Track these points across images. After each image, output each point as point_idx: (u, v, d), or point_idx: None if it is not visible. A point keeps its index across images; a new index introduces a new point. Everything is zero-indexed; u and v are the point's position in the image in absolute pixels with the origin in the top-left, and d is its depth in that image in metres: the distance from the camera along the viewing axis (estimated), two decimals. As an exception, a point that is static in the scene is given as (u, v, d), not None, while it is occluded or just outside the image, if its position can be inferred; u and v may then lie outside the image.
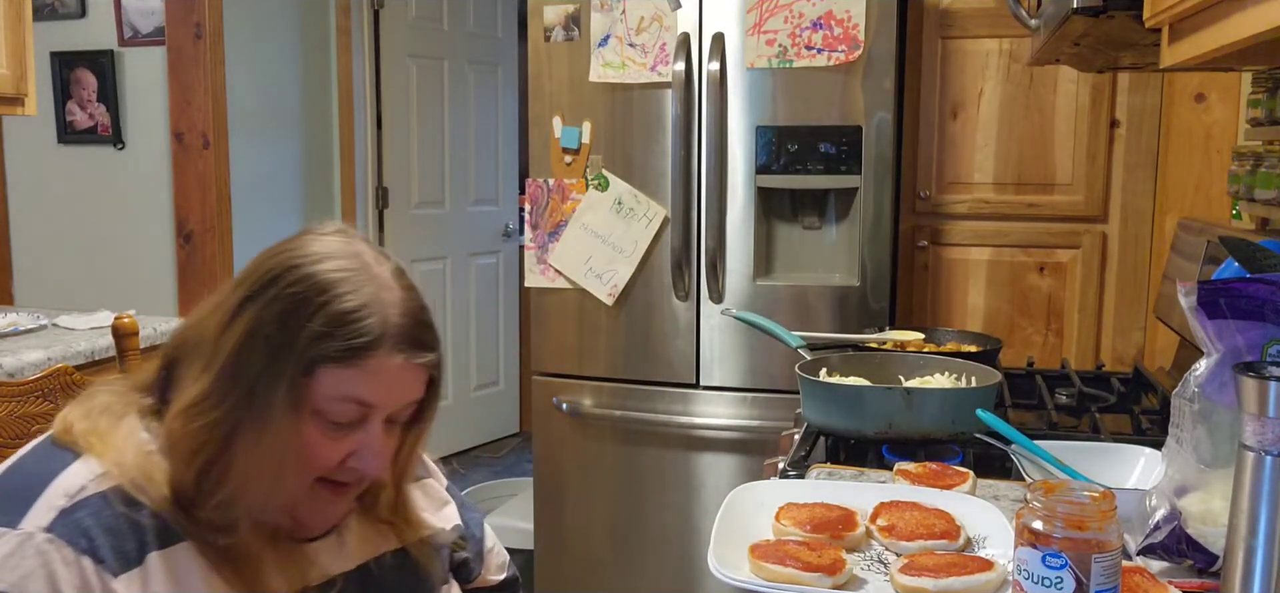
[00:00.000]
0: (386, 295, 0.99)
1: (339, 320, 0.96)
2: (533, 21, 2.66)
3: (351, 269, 0.99)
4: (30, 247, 3.76)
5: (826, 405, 1.53)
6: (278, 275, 0.98)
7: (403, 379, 1.00)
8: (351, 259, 1.00)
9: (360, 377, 0.97)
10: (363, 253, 1.02)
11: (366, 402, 0.98)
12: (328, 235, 1.03)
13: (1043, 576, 0.84)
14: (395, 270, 1.03)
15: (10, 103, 2.29)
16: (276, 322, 0.96)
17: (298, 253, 0.99)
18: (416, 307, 1.02)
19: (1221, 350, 0.98)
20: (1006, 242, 2.61)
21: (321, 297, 0.96)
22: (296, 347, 0.95)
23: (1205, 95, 2.36)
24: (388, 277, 1.01)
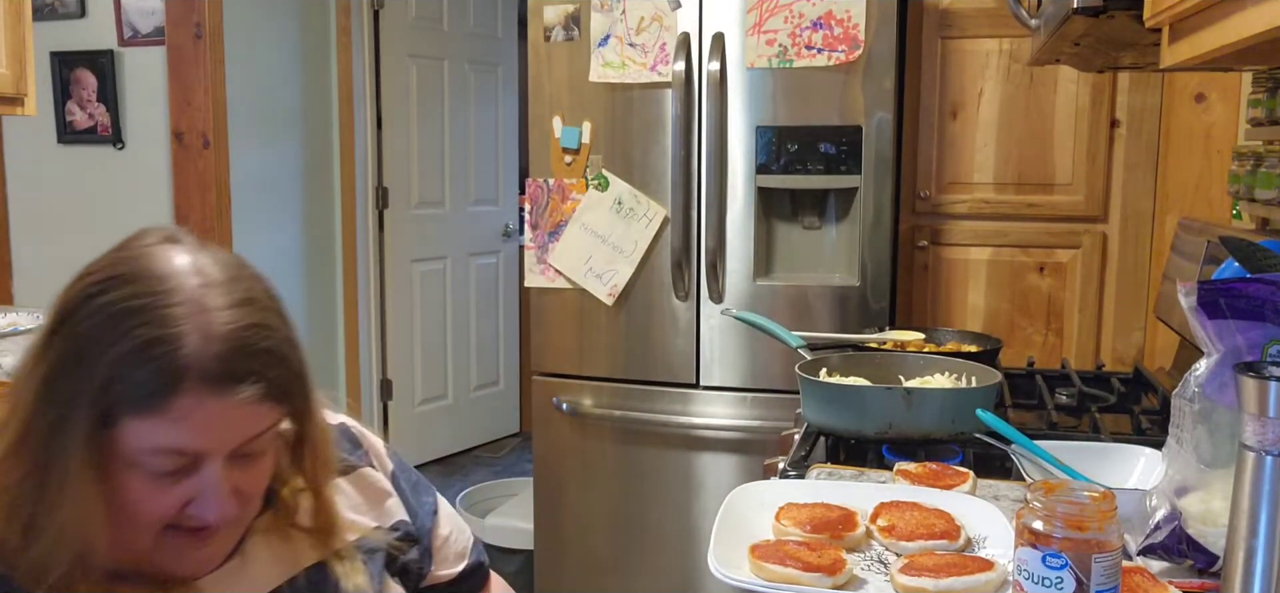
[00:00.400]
0: (195, 320, 0.84)
1: (129, 362, 0.82)
2: (533, 21, 2.66)
3: (154, 293, 0.85)
4: (30, 246, 3.76)
5: (826, 405, 1.53)
6: (71, 311, 0.86)
7: (225, 419, 0.86)
8: (157, 280, 0.86)
9: (166, 425, 0.83)
10: (176, 269, 0.87)
11: (183, 451, 0.85)
12: (147, 247, 0.89)
13: (1043, 576, 0.84)
14: (223, 282, 0.88)
15: (10, 103, 2.29)
16: (65, 369, 0.84)
17: (96, 279, 0.86)
18: (238, 328, 0.86)
19: (1221, 350, 0.97)
20: (1006, 242, 2.61)
21: (111, 335, 0.83)
22: (86, 397, 0.83)
23: (1205, 95, 2.36)
24: (204, 293, 0.86)
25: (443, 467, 4.60)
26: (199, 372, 0.83)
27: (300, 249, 3.94)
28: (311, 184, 3.97)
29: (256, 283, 0.92)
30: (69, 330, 0.85)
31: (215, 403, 0.84)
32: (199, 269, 0.88)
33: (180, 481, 0.86)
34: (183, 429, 0.84)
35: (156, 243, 0.90)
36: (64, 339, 0.85)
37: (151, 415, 0.83)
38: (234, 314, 0.86)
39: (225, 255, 0.92)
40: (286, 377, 0.89)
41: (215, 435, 0.86)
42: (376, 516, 1.11)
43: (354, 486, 1.10)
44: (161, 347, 0.83)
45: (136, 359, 0.83)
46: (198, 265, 0.88)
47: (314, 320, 4.02)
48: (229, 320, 0.86)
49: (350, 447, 1.13)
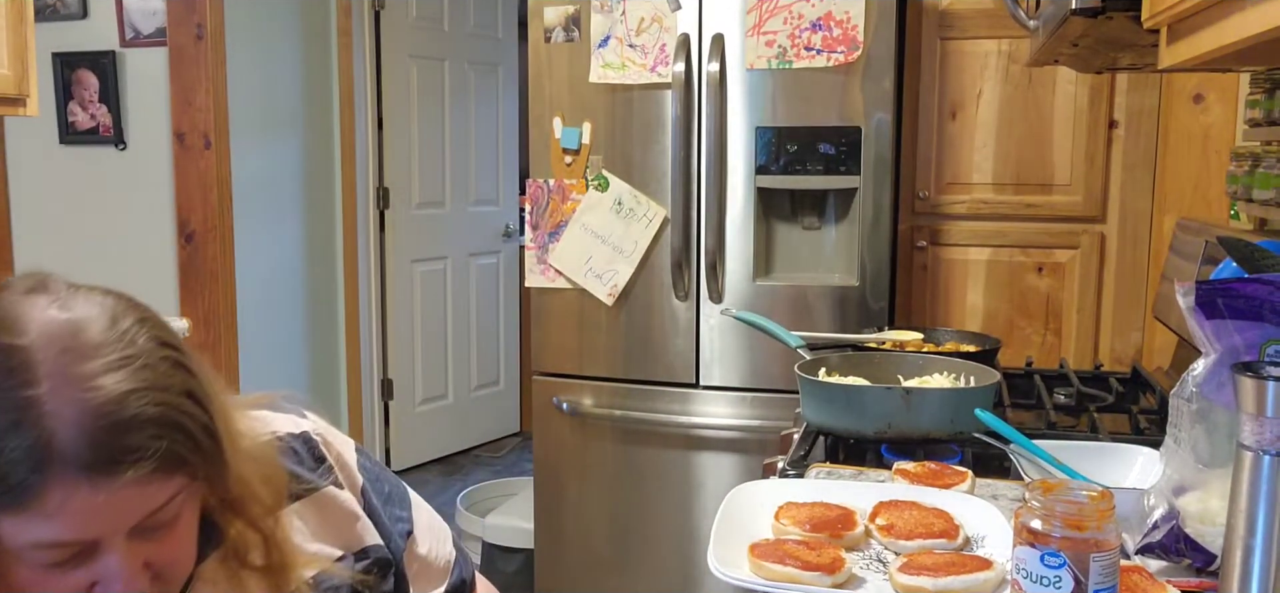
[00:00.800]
0: (61, 398, 0.73)
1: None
2: (533, 22, 2.66)
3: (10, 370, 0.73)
4: (32, 247, 3.76)
5: (826, 405, 1.53)
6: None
7: (110, 507, 0.75)
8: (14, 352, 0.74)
9: (40, 521, 0.73)
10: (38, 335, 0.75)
11: (67, 542, 0.75)
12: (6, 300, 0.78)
13: (1041, 575, 0.84)
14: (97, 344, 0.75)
15: (12, 103, 2.30)
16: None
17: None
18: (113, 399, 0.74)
19: (1219, 350, 0.98)
20: (1005, 242, 2.61)
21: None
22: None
23: (1203, 96, 2.36)
24: (70, 362, 0.74)
25: (443, 467, 4.60)
26: (69, 461, 0.72)
27: (301, 249, 3.94)
28: (312, 184, 3.98)
29: (141, 331, 0.79)
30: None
31: (93, 494, 0.74)
32: (68, 330, 0.75)
33: (79, 565, 0.77)
34: (60, 524, 0.74)
35: (20, 295, 0.78)
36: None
37: (20, 513, 0.73)
38: (110, 381, 0.74)
39: (103, 302, 0.80)
40: (182, 441, 0.77)
41: (102, 523, 0.76)
42: (342, 541, 1.00)
43: (314, 511, 0.98)
44: (23, 435, 0.72)
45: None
46: (65, 326, 0.76)
47: (315, 320, 4.02)
48: (102, 393, 0.74)
49: (311, 463, 1.01)
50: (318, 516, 0.99)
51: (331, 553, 0.98)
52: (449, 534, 1.18)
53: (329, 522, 0.99)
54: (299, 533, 0.96)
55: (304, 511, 0.97)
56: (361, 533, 1.02)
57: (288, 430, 1.01)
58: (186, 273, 3.55)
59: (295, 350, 3.94)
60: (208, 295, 3.52)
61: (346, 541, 1.00)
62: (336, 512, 1.00)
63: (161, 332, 0.82)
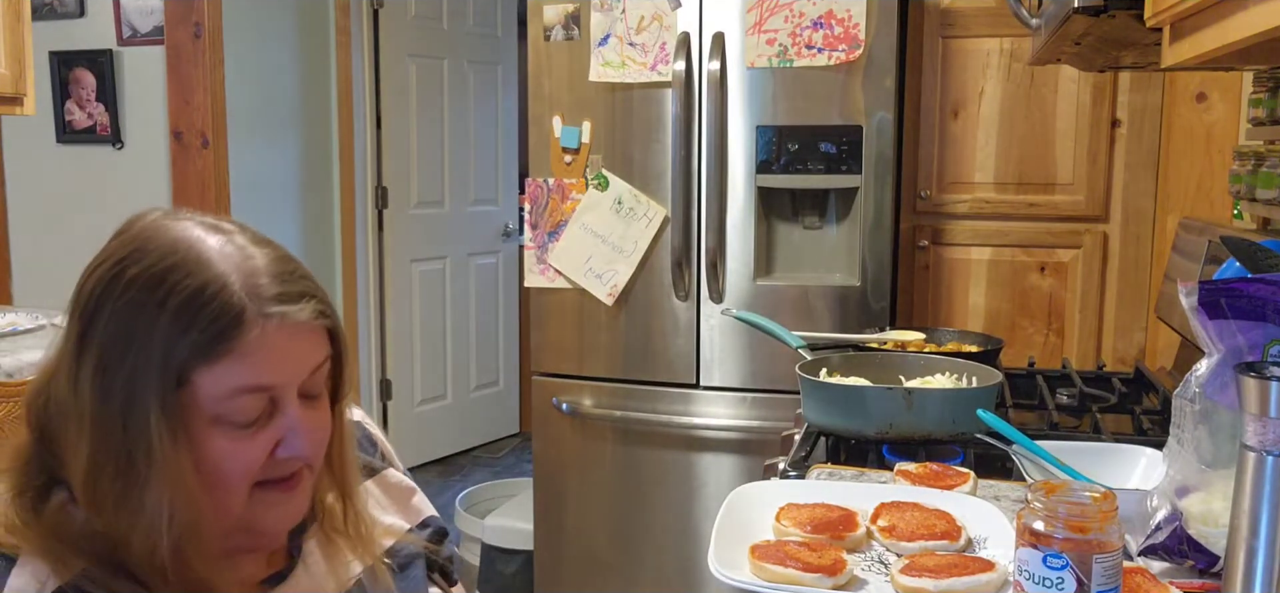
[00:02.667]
0: (232, 259, 0.86)
1: (187, 310, 0.82)
2: (532, 21, 2.66)
3: (182, 249, 0.85)
4: (29, 246, 3.76)
5: (827, 406, 1.53)
6: (100, 299, 0.84)
7: (293, 344, 0.87)
8: (178, 241, 0.86)
9: (240, 364, 0.84)
10: (189, 228, 0.87)
11: (262, 386, 0.85)
12: (146, 221, 0.88)
13: (1044, 576, 0.84)
14: (237, 229, 0.90)
15: (9, 102, 2.29)
16: (116, 351, 0.82)
17: (116, 257, 0.85)
18: (274, 257, 0.88)
19: (1222, 350, 0.97)
20: (1007, 241, 2.61)
21: (156, 297, 0.83)
22: (153, 363, 0.82)
23: (1206, 95, 2.36)
24: (231, 239, 0.88)
25: (443, 467, 4.59)
26: (258, 297, 0.84)
27: (300, 249, 3.94)
28: (311, 184, 3.97)
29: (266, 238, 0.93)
30: (106, 315, 0.83)
31: (280, 327, 0.85)
32: (213, 226, 0.88)
33: (263, 427, 0.86)
34: (256, 363, 0.84)
35: (159, 218, 0.89)
36: (104, 325, 0.83)
37: (222, 359, 0.83)
38: (266, 251, 0.88)
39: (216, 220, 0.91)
40: (329, 302, 0.91)
41: (287, 363, 0.87)
42: (406, 515, 1.10)
43: (380, 488, 1.09)
44: (212, 288, 0.83)
45: (191, 309, 0.82)
46: (210, 223, 0.89)
47: (314, 320, 4.02)
48: (266, 254, 0.88)
49: (369, 447, 1.11)
50: (385, 493, 1.09)
51: (402, 525, 1.08)
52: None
53: (394, 498, 1.10)
54: (376, 507, 1.06)
55: (373, 488, 1.07)
56: (419, 506, 1.13)
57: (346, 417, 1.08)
58: (185, 272, 3.54)
59: (294, 350, 3.94)
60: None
61: (408, 515, 1.11)
62: (398, 489, 1.11)
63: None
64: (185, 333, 0.82)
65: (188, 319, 0.82)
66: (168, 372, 0.82)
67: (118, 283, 0.84)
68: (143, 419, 0.82)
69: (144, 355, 0.82)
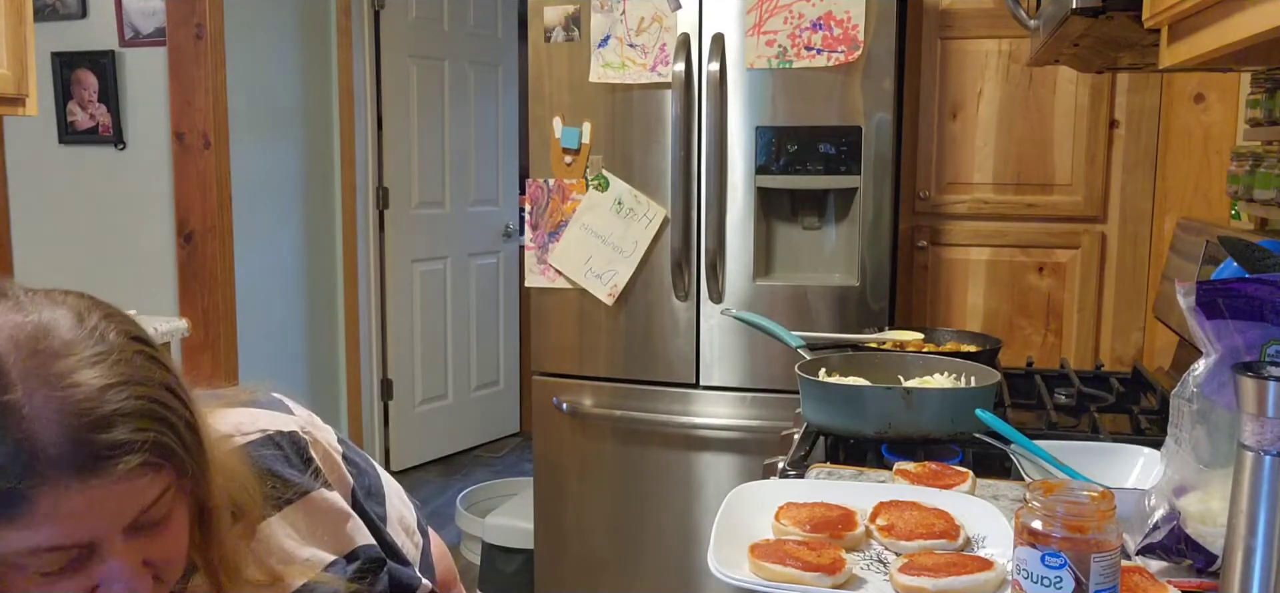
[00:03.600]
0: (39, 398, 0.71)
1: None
2: (533, 22, 2.66)
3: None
4: (31, 247, 3.76)
5: (826, 405, 1.53)
6: None
7: (104, 505, 0.73)
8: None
9: (35, 529, 0.71)
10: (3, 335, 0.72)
11: (64, 546, 0.73)
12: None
13: (1042, 575, 0.84)
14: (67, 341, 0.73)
15: (11, 103, 2.30)
16: None
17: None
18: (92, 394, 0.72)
19: (1220, 351, 0.98)
20: (1006, 242, 2.61)
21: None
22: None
23: (1204, 96, 2.36)
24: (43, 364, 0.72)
25: (443, 467, 4.60)
26: (55, 463, 0.70)
27: (301, 249, 3.94)
28: (312, 184, 3.97)
29: (109, 327, 0.77)
30: None
31: (83, 494, 0.71)
32: (36, 332, 0.73)
33: (77, 570, 0.74)
34: (53, 529, 0.71)
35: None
36: None
37: (11, 523, 0.71)
38: (86, 378, 0.72)
39: (66, 302, 0.77)
40: (167, 432, 0.75)
41: (95, 524, 0.73)
42: (333, 545, 0.97)
43: (303, 515, 0.95)
44: (4, 442, 0.69)
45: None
46: (32, 328, 0.73)
47: (314, 320, 4.02)
48: (80, 390, 0.72)
49: (300, 465, 0.97)
50: (308, 520, 0.95)
51: (323, 559, 0.95)
52: (414, 521, 1.15)
53: (320, 526, 0.96)
54: (289, 540, 0.93)
55: (293, 516, 0.94)
56: (352, 534, 0.99)
57: (275, 428, 0.97)
58: (186, 273, 3.55)
59: (295, 351, 3.94)
60: (207, 296, 3.52)
61: (337, 544, 0.98)
62: (327, 515, 0.97)
63: (131, 327, 0.79)
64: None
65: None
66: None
67: None
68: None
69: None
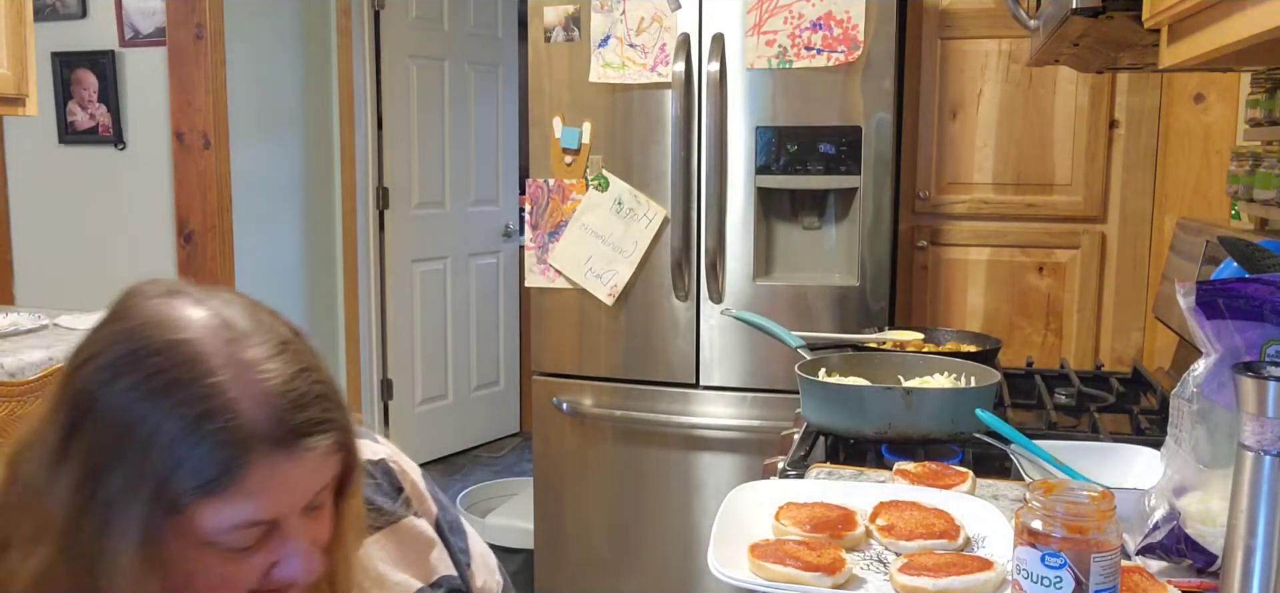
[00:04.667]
0: (241, 381, 0.76)
1: (183, 444, 0.73)
2: (533, 22, 2.66)
3: (185, 361, 0.75)
4: (31, 246, 3.76)
5: (826, 405, 1.53)
6: (90, 400, 0.75)
7: (301, 479, 0.79)
8: (182, 345, 0.75)
9: (241, 501, 0.76)
10: (197, 327, 0.77)
11: (264, 519, 0.78)
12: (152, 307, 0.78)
13: (1042, 575, 0.84)
14: (251, 330, 0.79)
15: (11, 103, 2.30)
16: (110, 459, 0.74)
17: (108, 359, 0.76)
18: (289, 375, 0.78)
19: (1220, 351, 0.98)
20: (1006, 242, 2.61)
21: (153, 417, 0.73)
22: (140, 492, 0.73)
23: (1204, 96, 2.36)
24: (239, 348, 0.77)
25: (443, 467, 4.60)
26: (267, 434, 0.76)
27: (301, 249, 3.94)
28: (312, 184, 3.97)
29: (279, 322, 0.82)
30: (95, 422, 0.75)
31: (290, 466, 0.77)
32: (221, 324, 0.78)
33: (260, 547, 0.79)
34: (260, 501, 0.77)
35: (160, 298, 0.79)
36: (91, 433, 0.75)
37: (222, 495, 0.75)
38: (276, 365, 0.78)
39: (235, 297, 0.82)
40: (344, 417, 0.82)
41: (293, 497, 0.79)
42: (419, 572, 1.01)
43: (394, 541, 0.99)
44: (217, 420, 0.74)
45: (191, 440, 0.74)
46: (217, 321, 0.78)
47: (314, 320, 4.02)
48: (276, 374, 0.77)
49: (391, 492, 1.02)
50: (397, 547, 1.00)
51: (411, 584, 1.00)
52: (495, 563, 1.20)
53: (408, 552, 1.01)
54: (382, 563, 0.97)
55: (385, 541, 0.98)
56: (436, 563, 1.04)
57: (367, 457, 0.99)
58: (185, 273, 3.55)
59: (295, 350, 3.93)
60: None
61: (424, 571, 1.02)
62: (415, 542, 1.02)
63: (289, 322, 0.85)
64: (184, 463, 0.74)
65: (188, 448, 0.74)
66: (160, 501, 0.74)
67: (114, 386, 0.75)
68: (118, 547, 0.74)
69: (134, 478, 0.74)
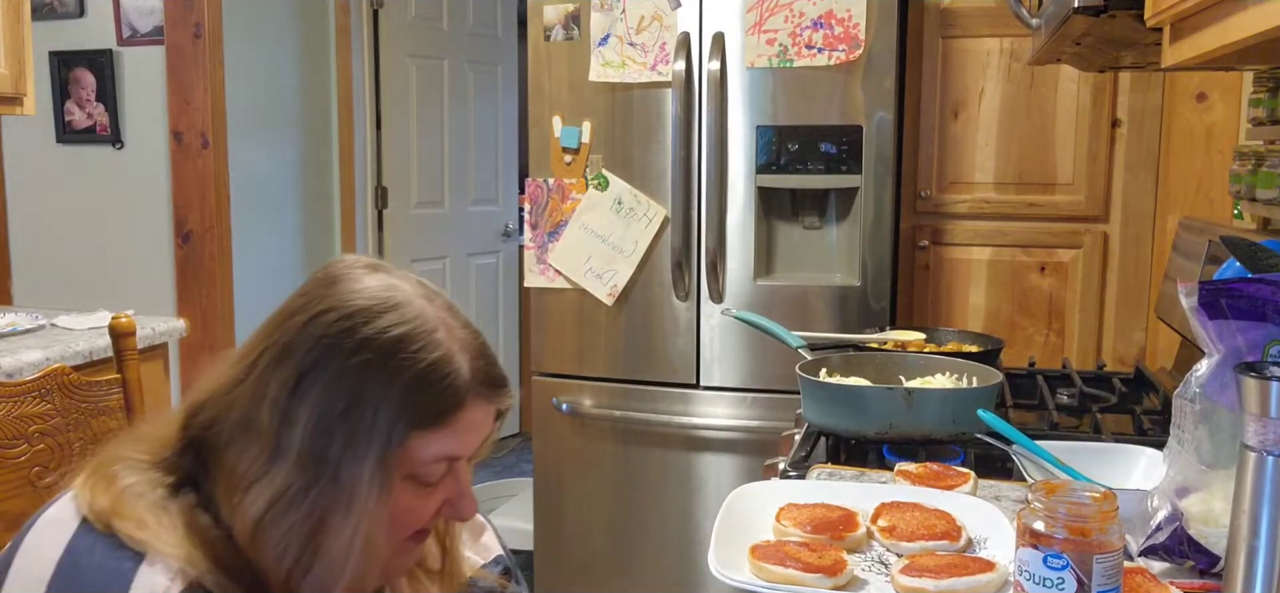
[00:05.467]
0: (456, 339, 0.92)
1: (421, 386, 0.89)
2: (533, 21, 2.66)
3: (412, 319, 0.90)
4: (29, 246, 3.76)
5: (827, 406, 1.53)
6: (333, 343, 0.88)
7: (485, 423, 0.95)
8: (406, 306, 0.91)
9: (451, 435, 0.91)
10: (412, 294, 0.93)
11: (456, 455, 0.93)
12: (365, 276, 0.93)
13: (1044, 576, 0.84)
14: (447, 305, 0.95)
15: (9, 102, 2.29)
16: (350, 398, 0.87)
17: (345, 310, 0.89)
18: (482, 341, 0.95)
19: (1223, 351, 0.97)
20: (1007, 241, 2.61)
21: (394, 362, 0.88)
22: (380, 423, 0.87)
23: (1207, 95, 2.36)
24: (443, 313, 0.93)
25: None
26: (477, 382, 0.92)
27: (299, 249, 3.93)
28: (310, 184, 3.97)
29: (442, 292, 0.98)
30: (334, 369, 0.87)
31: (487, 409, 0.93)
32: (426, 292, 0.94)
33: (439, 485, 0.93)
34: (461, 438, 0.92)
35: (366, 268, 0.94)
36: (331, 378, 0.87)
37: (438, 430, 0.90)
38: (471, 329, 0.95)
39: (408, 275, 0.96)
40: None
41: (478, 437, 0.94)
42: (477, 551, 1.13)
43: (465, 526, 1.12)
44: (444, 367, 0.89)
45: (423, 384, 0.88)
46: (422, 289, 0.94)
47: (314, 320, 4.01)
48: (472, 334, 0.94)
49: None
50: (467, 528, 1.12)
51: (475, 560, 1.12)
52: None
53: (468, 532, 1.13)
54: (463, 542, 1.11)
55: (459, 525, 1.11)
56: (489, 544, 1.15)
57: None
58: (184, 273, 3.54)
59: (294, 350, 3.93)
60: (205, 295, 3.51)
61: (480, 551, 1.14)
62: (472, 524, 1.13)
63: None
64: (414, 405, 0.88)
65: (418, 392, 0.88)
66: (391, 435, 0.87)
67: (348, 339, 0.88)
68: (356, 473, 0.87)
69: (370, 416, 0.87)
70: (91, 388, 1.46)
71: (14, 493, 1.36)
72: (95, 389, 1.46)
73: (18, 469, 1.36)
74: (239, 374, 0.91)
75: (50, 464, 1.40)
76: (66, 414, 1.42)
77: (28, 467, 1.37)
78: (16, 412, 1.37)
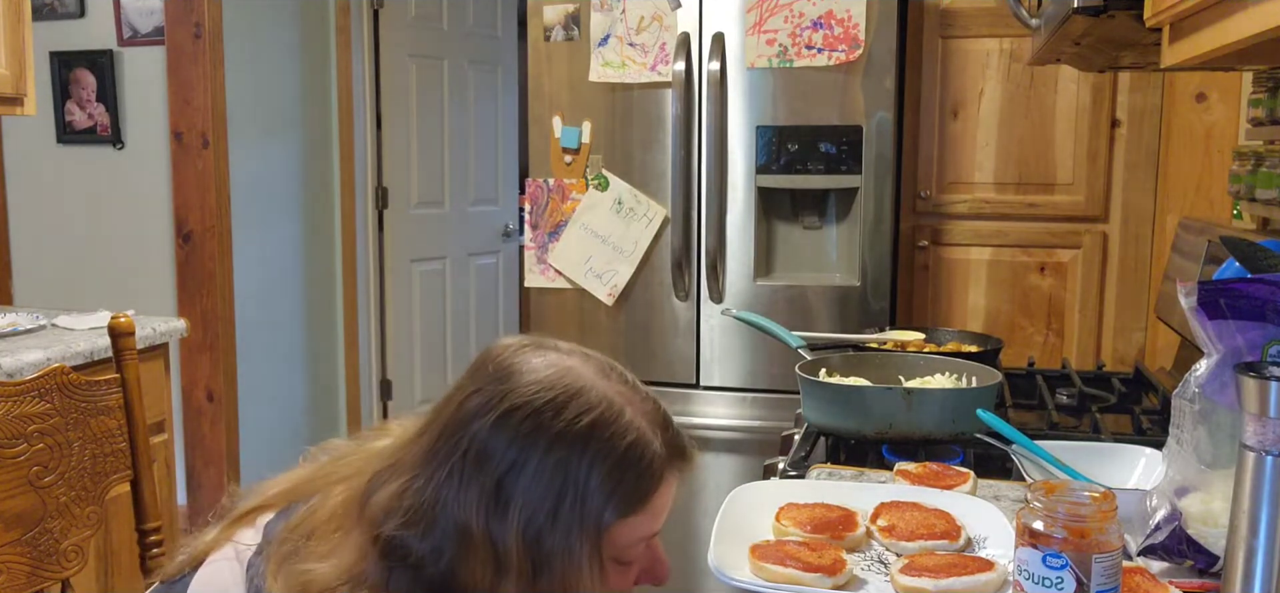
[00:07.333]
0: (637, 414, 0.91)
1: (620, 471, 0.88)
2: (533, 21, 2.66)
3: (599, 404, 0.89)
4: (29, 246, 3.76)
5: (827, 406, 1.53)
6: (528, 442, 0.87)
7: (674, 490, 0.95)
8: (589, 390, 0.90)
9: (649, 517, 0.91)
10: (587, 374, 0.91)
11: (655, 533, 0.94)
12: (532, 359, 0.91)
13: (1043, 576, 0.84)
14: (622, 377, 0.94)
15: (9, 103, 2.29)
16: (555, 497, 0.87)
17: (531, 407, 0.88)
18: (664, 411, 0.95)
19: (1222, 351, 0.97)
20: (1007, 241, 2.61)
21: (589, 452, 0.88)
22: (588, 514, 0.88)
23: (1206, 95, 2.36)
24: (619, 390, 0.92)
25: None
26: (666, 459, 0.92)
27: (300, 249, 3.94)
28: (311, 184, 3.97)
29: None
30: (532, 468, 0.87)
31: (677, 482, 0.94)
32: (597, 368, 0.93)
33: (638, 559, 0.94)
34: (658, 514, 0.92)
35: (532, 352, 0.92)
36: (531, 477, 0.87)
37: (637, 514, 0.90)
38: (650, 400, 0.94)
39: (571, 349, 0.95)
40: None
41: (669, 506, 0.94)
42: None
43: None
44: (640, 448, 0.89)
45: (622, 469, 0.88)
46: (589, 363, 0.93)
47: (313, 321, 4.02)
48: (654, 405, 0.94)
49: None
50: None
51: None
52: None
53: None
54: None
55: None
56: None
57: None
58: (184, 273, 3.54)
59: (294, 351, 3.94)
60: (206, 296, 3.51)
61: None
62: None
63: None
64: (616, 490, 0.88)
65: (618, 478, 0.88)
66: (599, 523, 0.88)
67: (542, 436, 0.87)
68: (578, 565, 0.88)
69: (578, 511, 0.87)
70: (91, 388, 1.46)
71: (14, 493, 1.36)
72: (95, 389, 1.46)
73: (17, 469, 1.36)
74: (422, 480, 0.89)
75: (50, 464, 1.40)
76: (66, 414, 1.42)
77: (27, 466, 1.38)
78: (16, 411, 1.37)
